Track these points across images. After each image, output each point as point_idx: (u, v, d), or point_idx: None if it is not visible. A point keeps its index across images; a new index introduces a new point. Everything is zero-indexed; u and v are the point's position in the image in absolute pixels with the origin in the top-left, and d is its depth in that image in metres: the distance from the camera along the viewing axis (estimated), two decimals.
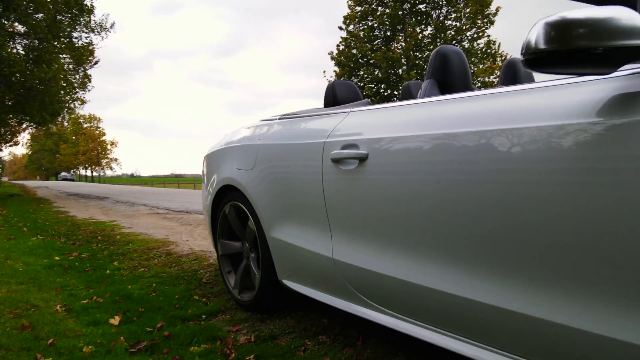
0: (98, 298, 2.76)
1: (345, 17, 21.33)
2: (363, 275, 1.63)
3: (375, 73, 20.56)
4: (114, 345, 2.01)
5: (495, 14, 19.41)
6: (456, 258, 1.30)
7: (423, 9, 20.16)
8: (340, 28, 21.43)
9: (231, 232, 2.60)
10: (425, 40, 20.31)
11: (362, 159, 1.59)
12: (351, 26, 21.26)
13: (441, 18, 20.17)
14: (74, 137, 63.79)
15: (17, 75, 13.69)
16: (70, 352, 1.92)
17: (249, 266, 2.43)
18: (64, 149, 63.94)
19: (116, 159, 71.41)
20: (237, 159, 2.43)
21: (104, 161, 65.75)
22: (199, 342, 2.03)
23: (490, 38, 19.61)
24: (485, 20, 19.50)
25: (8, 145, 22.56)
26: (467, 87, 1.92)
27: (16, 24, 14.26)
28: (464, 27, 19.66)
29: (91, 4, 15.48)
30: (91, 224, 6.90)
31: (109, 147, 66.32)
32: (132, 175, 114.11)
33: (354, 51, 21.02)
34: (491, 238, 1.20)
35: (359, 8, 21.00)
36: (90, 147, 63.68)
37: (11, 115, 16.81)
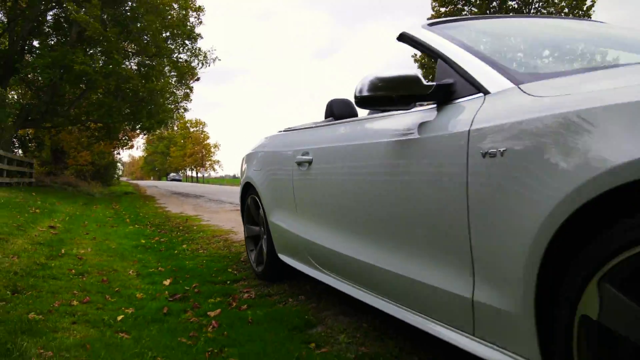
0: (161, 268, 3.64)
1: (429, 19, 21.27)
2: (313, 246, 2.25)
3: None
4: (159, 295, 2.83)
5: (590, 8, 18.35)
6: (362, 232, 1.85)
7: (514, 6, 19.52)
8: None
9: (252, 218, 3.34)
10: None
11: (310, 163, 2.22)
12: None
13: (533, 12, 19.44)
14: (182, 141, 69.66)
15: (131, 88, 15.97)
16: (128, 297, 2.77)
17: (262, 245, 3.13)
18: (173, 152, 69.99)
19: (218, 161, 76.67)
20: (254, 162, 3.15)
21: (207, 163, 70.97)
22: (215, 296, 2.78)
23: None
24: (582, 14, 18.48)
25: (125, 148, 25.90)
26: None
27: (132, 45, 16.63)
28: None
29: (199, 34, 17.49)
30: (179, 217, 8.10)
31: (212, 149, 71.56)
32: (234, 177, 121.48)
33: None
34: (374, 218, 1.76)
35: (443, 9, 20.87)
36: (196, 150, 68.99)
37: (126, 123, 19.42)
